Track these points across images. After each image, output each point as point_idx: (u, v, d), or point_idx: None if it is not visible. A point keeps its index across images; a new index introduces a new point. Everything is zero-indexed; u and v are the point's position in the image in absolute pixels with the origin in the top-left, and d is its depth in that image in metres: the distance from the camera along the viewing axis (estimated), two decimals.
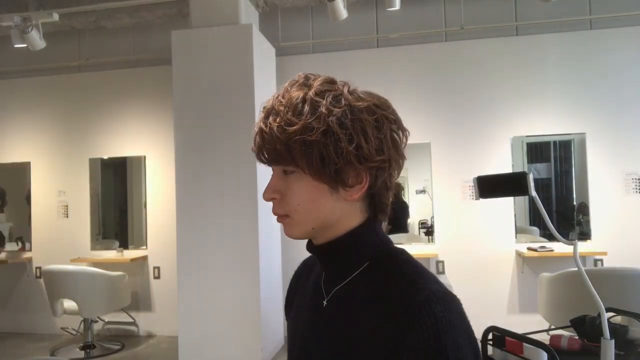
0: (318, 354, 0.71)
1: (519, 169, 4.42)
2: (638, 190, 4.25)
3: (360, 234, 0.71)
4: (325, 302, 0.73)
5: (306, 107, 0.65)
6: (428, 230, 4.68)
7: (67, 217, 5.02)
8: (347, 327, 0.67)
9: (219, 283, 3.80)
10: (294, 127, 0.65)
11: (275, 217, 0.73)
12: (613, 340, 1.51)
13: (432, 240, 4.57)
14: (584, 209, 4.37)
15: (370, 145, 0.66)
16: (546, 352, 1.46)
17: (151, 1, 4.20)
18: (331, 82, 0.70)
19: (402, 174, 4.39)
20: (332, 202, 0.68)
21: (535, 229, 4.53)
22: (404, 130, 0.73)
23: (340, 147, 0.64)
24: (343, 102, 0.66)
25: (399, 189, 4.79)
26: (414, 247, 4.65)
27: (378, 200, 0.71)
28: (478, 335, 1.81)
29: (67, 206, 5.04)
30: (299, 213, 0.70)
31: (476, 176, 1.67)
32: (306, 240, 0.75)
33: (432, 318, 0.60)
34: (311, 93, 0.66)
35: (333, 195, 0.68)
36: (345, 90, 0.69)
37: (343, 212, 0.70)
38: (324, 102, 0.65)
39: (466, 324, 0.64)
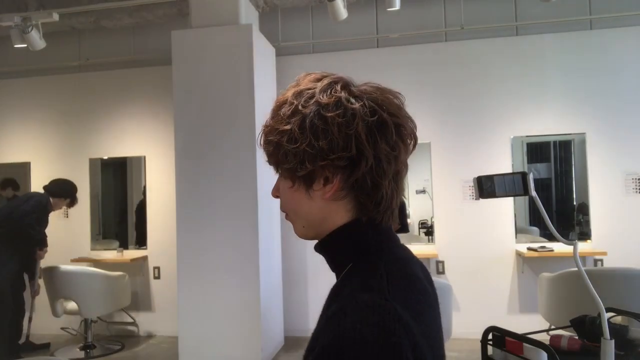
0: None
1: (519, 169, 4.41)
2: (638, 190, 4.25)
3: (342, 233, 0.69)
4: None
5: (282, 110, 0.67)
6: (428, 230, 4.68)
7: (67, 217, 5.02)
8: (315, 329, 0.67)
9: (219, 283, 3.80)
10: (267, 129, 0.69)
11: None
12: (613, 340, 1.51)
13: (432, 240, 4.57)
14: (584, 209, 4.37)
15: (330, 142, 0.63)
16: (546, 352, 1.46)
17: (151, 1, 4.20)
18: (317, 80, 0.69)
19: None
20: (309, 202, 0.69)
21: (535, 229, 4.53)
22: (400, 125, 0.68)
23: (296, 147, 0.65)
24: (312, 101, 0.66)
25: None
26: (414, 247, 4.65)
27: (362, 199, 0.67)
28: (478, 335, 1.80)
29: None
30: (289, 212, 0.73)
31: (476, 176, 1.67)
32: (305, 241, 0.76)
33: (339, 328, 0.55)
34: (290, 94, 0.68)
35: (307, 194, 0.68)
36: (338, 87, 0.67)
37: (324, 211, 0.69)
38: (297, 102, 0.67)
39: (387, 341, 0.53)
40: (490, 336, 1.65)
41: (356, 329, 0.54)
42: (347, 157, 0.64)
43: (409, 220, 4.84)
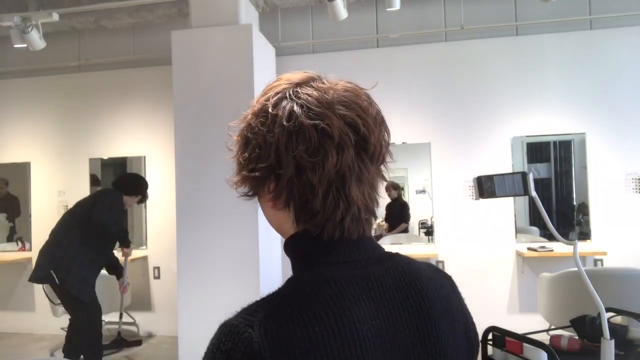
0: None
1: (519, 169, 4.41)
2: (638, 190, 4.25)
3: (287, 245, 0.66)
4: None
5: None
6: (428, 230, 4.68)
7: None
8: None
9: (219, 283, 3.80)
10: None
11: None
12: (613, 340, 1.51)
13: (432, 240, 4.57)
14: (584, 209, 4.37)
15: (252, 151, 0.63)
16: (546, 352, 1.46)
17: (151, 1, 4.20)
18: (276, 80, 0.68)
19: (402, 174, 4.37)
20: (265, 210, 0.68)
21: (535, 229, 4.53)
22: (324, 129, 0.59)
23: (234, 157, 0.68)
24: (249, 110, 0.67)
25: (393, 188, 4.79)
26: (414, 247, 4.65)
27: (296, 209, 0.62)
28: (478, 335, 1.80)
29: (67, 206, 5.03)
30: None
31: (476, 176, 1.67)
32: None
33: (207, 348, 0.56)
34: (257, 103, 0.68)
35: (262, 203, 0.68)
36: (290, 91, 0.63)
37: (278, 220, 0.67)
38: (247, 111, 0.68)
39: None
40: (490, 336, 1.65)
41: (210, 352, 0.55)
42: (268, 167, 0.61)
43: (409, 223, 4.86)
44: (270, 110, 0.62)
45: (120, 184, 3.86)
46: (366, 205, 0.63)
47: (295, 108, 0.60)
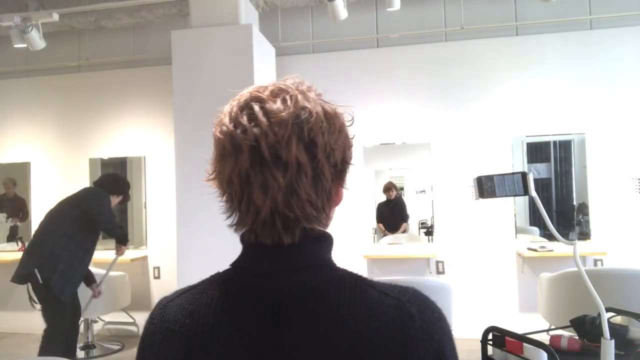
0: None
1: (519, 169, 4.41)
2: (638, 190, 4.25)
3: None
4: None
5: None
6: (428, 230, 4.68)
7: None
8: None
9: None
10: None
11: None
12: (613, 340, 1.51)
13: (432, 240, 4.57)
14: (584, 209, 4.37)
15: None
16: (546, 352, 1.46)
17: (151, 1, 4.20)
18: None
19: (402, 174, 4.37)
20: None
21: (535, 229, 4.53)
22: (217, 137, 0.65)
23: None
24: None
25: (393, 189, 4.80)
26: (414, 247, 4.65)
27: (233, 211, 0.68)
28: (478, 335, 1.79)
29: None
30: None
31: (476, 176, 1.67)
32: None
33: None
34: None
35: None
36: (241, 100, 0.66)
37: None
38: None
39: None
40: (490, 336, 1.65)
41: None
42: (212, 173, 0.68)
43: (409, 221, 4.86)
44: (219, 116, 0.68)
45: (104, 183, 3.78)
46: (284, 212, 0.61)
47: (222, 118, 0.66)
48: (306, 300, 0.60)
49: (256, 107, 0.62)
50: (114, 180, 3.88)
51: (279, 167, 0.60)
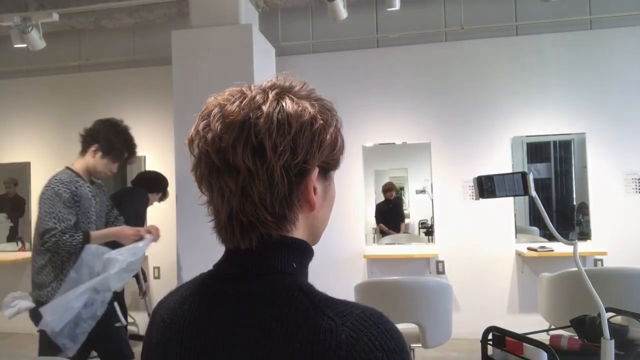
0: None
1: (519, 169, 4.41)
2: (638, 190, 4.25)
3: None
4: None
5: None
6: (428, 230, 4.68)
7: None
8: None
9: None
10: None
11: None
12: (613, 340, 1.51)
13: (432, 240, 4.57)
14: (584, 209, 4.37)
15: None
16: (546, 352, 1.46)
17: (151, 1, 4.20)
18: None
19: (402, 174, 4.36)
20: None
21: (535, 229, 4.53)
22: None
23: None
24: None
25: (387, 188, 4.80)
26: (414, 247, 4.65)
27: None
28: (478, 335, 1.79)
29: None
30: None
31: (476, 176, 1.67)
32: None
33: None
34: None
35: None
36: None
37: None
38: None
39: None
40: (490, 336, 1.65)
41: None
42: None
43: (408, 221, 4.86)
44: None
45: (141, 182, 3.74)
46: (238, 217, 0.61)
47: None
48: (243, 310, 0.59)
49: (214, 112, 0.64)
50: (149, 177, 3.84)
51: (231, 172, 0.60)
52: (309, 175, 0.62)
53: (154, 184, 3.72)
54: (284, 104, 0.60)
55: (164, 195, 3.84)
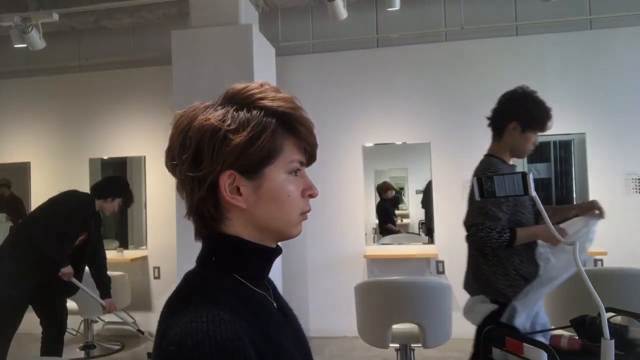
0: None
1: (519, 169, 4.41)
2: (638, 190, 4.24)
3: None
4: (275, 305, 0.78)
5: None
6: (428, 230, 4.68)
7: None
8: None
9: None
10: None
11: (307, 213, 0.76)
12: (613, 340, 1.51)
13: (432, 240, 4.57)
14: None
15: None
16: (546, 352, 1.46)
17: (151, 1, 4.20)
18: None
19: (402, 174, 4.35)
20: None
21: None
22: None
23: None
24: None
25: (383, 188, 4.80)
26: (414, 247, 4.65)
27: None
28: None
29: None
30: None
31: (476, 176, 1.67)
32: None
33: None
34: None
35: None
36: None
37: None
38: None
39: None
40: (490, 336, 1.65)
41: None
42: None
43: (406, 220, 4.86)
44: None
45: (95, 187, 3.51)
46: (191, 213, 0.72)
47: None
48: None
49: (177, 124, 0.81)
50: (104, 182, 3.54)
51: (176, 171, 0.74)
52: (217, 181, 0.68)
53: (105, 189, 3.38)
54: (193, 123, 0.74)
55: (125, 200, 3.43)
